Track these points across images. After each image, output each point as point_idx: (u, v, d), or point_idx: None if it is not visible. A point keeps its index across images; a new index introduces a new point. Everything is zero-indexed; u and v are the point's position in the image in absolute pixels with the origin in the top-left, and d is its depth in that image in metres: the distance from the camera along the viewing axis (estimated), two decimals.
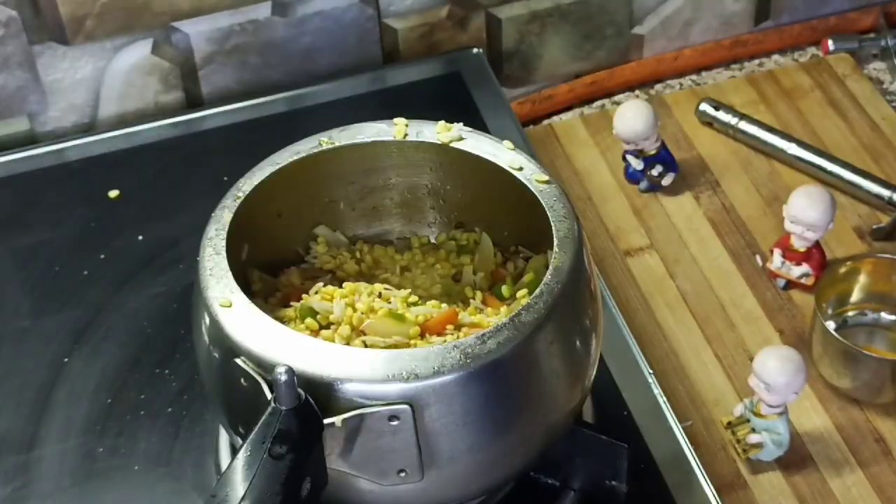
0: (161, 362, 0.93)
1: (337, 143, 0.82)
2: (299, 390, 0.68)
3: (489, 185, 0.83)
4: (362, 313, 0.76)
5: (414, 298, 0.78)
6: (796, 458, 0.92)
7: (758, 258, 1.06)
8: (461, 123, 0.83)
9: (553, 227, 0.76)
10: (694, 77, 1.24)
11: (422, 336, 0.76)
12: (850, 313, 1.00)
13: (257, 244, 0.82)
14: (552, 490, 0.83)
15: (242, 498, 0.65)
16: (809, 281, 1.02)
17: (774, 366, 0.87)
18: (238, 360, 0.71)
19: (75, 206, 1.05)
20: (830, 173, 1.11)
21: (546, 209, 0.78)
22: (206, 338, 0.75)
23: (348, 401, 0.69)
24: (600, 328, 0.79)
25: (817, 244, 1.01)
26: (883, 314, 1.00)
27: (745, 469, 0.92)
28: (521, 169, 0.80)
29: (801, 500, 0.90)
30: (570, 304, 0.74)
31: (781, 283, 1.03)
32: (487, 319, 0.78)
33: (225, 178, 0.82)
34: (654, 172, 1.10)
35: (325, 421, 0.69)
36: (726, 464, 0.92)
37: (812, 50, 1.26)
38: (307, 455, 0.68)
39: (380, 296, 0.78)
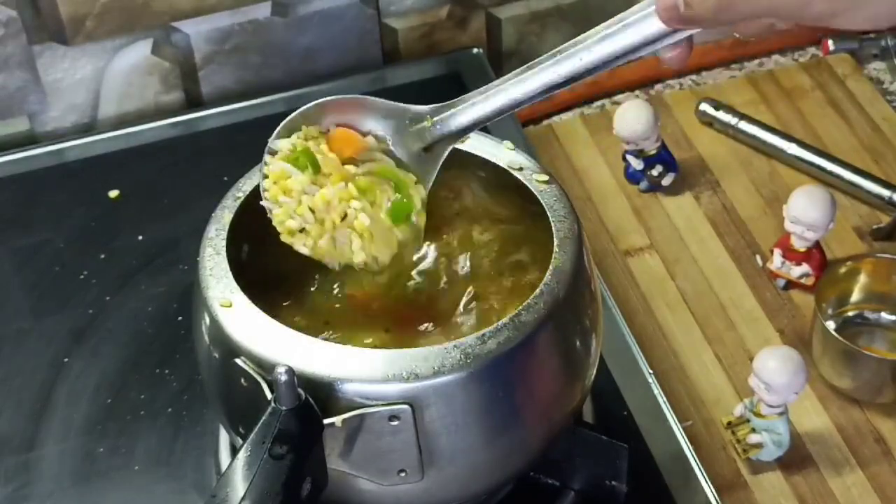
0: (161, 362, 0.93)
1: None
2: (299, 390, 0.68)
3: (489, 186, 0.83)
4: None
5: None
6: (796, 458, 0.92)
7: (758, 258, 1.06)
8: None
9: (553, 227, 0.76)
10: (694, 77, 1.24)
11: None
12: (850, 313, 1.00)
13: (257, 244, 0.82)
14: (552, 490, 0.83)
15: (242, 498, 0.65)
16: (809, 281, 1.02)
17: (774, 366, 0.87)
18: (238, 360, 0.71)
19: (75, 206, 1.05)
20: (830, 173, 1.11)
21: (546, 209, 0.78)
22: (206, 338, 0.75)
23: (348, 401, 0.69)
24: (600, 328, 0.79)
25: (817, 244, 1.01)
26: (883, 314, 1.00)
27: (745, 469, 0.92)
28: (521, 169, 0.80)
29: (801, 500, 0.90)
30: (570, 304, 0.74)
31: (781, 283, 1.03)
32: None
33: (225, 178, 0.82)
34: (654, 172, 1.10)
35: (325, 421, 0.69)
36: (726, 464, 0.92)
37: (812, 50, 1.26)
38: (307, 455, 0.68)
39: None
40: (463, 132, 0.75)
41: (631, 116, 1.07)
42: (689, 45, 0.67)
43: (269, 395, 0.68)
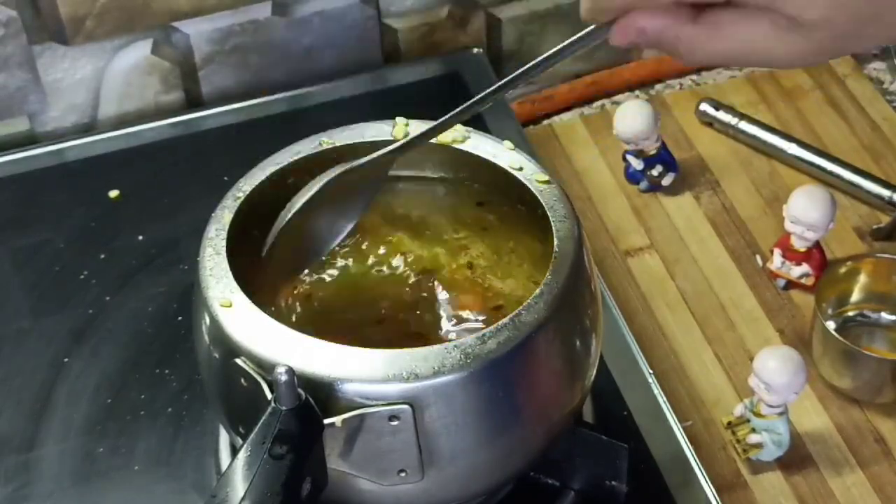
0: (161, 362, 0.93)
1: (337, 143, 0.82)
2: (299, 390, 0.68)
3: (489, 186, 0.83)
4: None
5: None
6: (796, 458, 0.92)
7: (758, 258, 1.06)
8: (460, 124, 0.83)
9: (553, 227, 0.76)
10: (694, 77, 1.24)
11: None
12: (850, 313, 1.00)
13: (258, 244, 0.82)
14: (552, 490, 0.83)
15: (242, 498, 0.65)
16: (809, 281, 1.02)
17: (774, 366, 0.87)
18: (238, 360, 0.71)
19: (75, 206, 1.05)
20: (830, 173, 1.11)
21: (546, 209, 0.78)
22: (206, 338, 0.75)
23: (348, 401, 0.69)
24: (600, 328, 0.79)
25: (817, 244, 1.01)
26: (883, 314, 1.00)
27: (745, 469, 0.92)
28: (521, 169, 0.80)
29: (801, 500, 0.90)
30: (570, 304, 0.74)
31: (781, 283, 1.03)
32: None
33: (225, 178, 0.82)
34: (654, 172, 1.10)
35: (325, 421, 0.69)
36: (726, 464, 0.92)
37: None
38: (307, 455, 0.68)
39: None
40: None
41: (631, 116, 1.07)
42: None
43: (269, 395, 0.68)
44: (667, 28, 0.59)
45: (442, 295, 0.81)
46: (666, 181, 1.11)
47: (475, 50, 1.19)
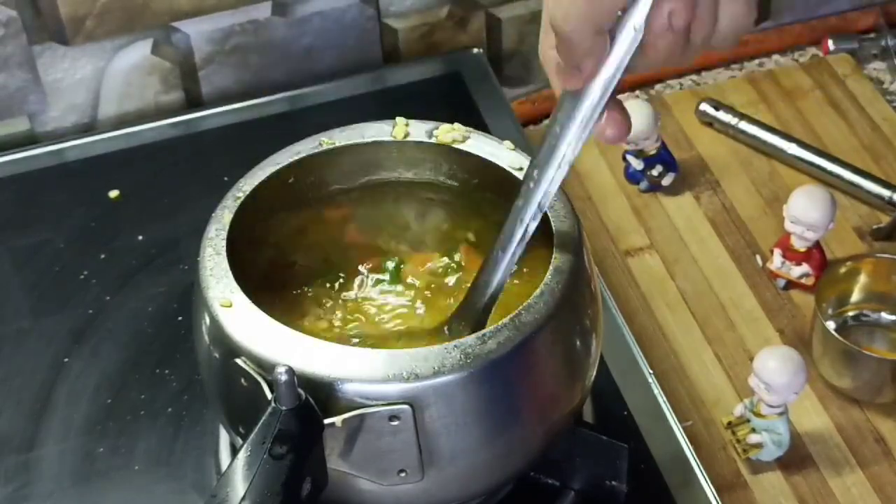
0: (161, 362, 0.93)
1: (337, 143, 0.82)
2: (299, 390, 0.68)
3: (489, 186, 0.83)
4: None
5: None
6: (796, 458, 0.92)
7: (758, 258, 1.06)
8: (460, 124, 0.83)
9: (553, 227, 0.76)
10: (694, 77, 1.24)
11: None
12: (850, 313, 1.00)
13: (258, 244, 0.82)
14: (552, 490, 0.83)
15: (242, 498, 0.65)
16: (809, 281, 1.02)
17: (774, 366, 0.87)
18: (238, 360, 0.71)
19: (75, 206, 1.05)
20: (830, 173, 1.11)
21: (546, 209, 0.78)
22: (206, 338, 0.75)
23: (348, 401, 0.69)
24: (600, 328, 0.79)
25: (817, 244, 1.01)
26: (883, 314, 1.00)
27: (745, 469, 0.92)
28: (521, 169, 0.80)
29: (801, 500, 0.90)
30: (570, 304, 0.74)
31: (781, 283, 1.03)
32: None
33: (225, 178, 0.82)
34: (654, 172, 1.10)
35: (326, 421, 0.69)
36: (726, 464, 0.92)
37: (812, 50, 1.26)
38: (307, 455, 0.68)
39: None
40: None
41: (631, 116, 1.07)
42: (621, 113, 0.69)
43: (269, 395, 0.68)
44: None
45: None
46: (666, 181, 1.11)
47: (475, 50, 1.19)
